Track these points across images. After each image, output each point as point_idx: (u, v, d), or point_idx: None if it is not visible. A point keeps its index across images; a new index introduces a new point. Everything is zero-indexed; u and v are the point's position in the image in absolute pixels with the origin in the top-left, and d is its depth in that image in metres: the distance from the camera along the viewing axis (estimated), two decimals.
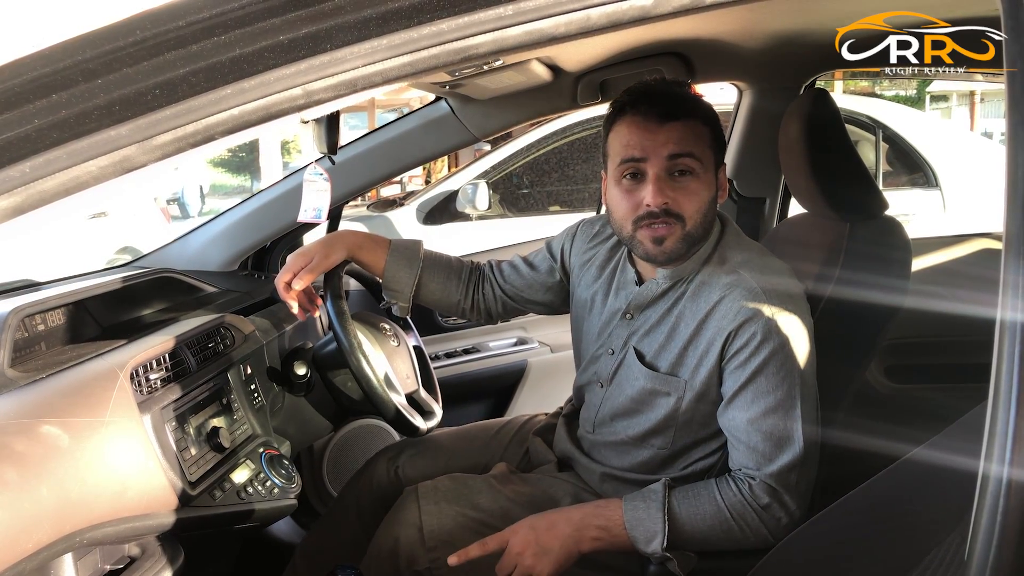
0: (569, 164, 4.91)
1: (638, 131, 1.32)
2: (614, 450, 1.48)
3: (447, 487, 1.49)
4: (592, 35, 0.76)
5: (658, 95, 1.33)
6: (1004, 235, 0.68)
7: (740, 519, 1.27)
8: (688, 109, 1.33)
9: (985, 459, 0.69)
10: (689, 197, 1.31)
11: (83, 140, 0.72)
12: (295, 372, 1.68)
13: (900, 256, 1.54)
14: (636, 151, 1.31)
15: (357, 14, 0.72)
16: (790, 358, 1.29)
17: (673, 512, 1.28)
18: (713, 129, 1.36)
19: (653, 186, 1.30)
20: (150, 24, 0.74)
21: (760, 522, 1.27)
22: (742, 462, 1.31)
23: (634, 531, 1.28)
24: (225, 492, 1.34)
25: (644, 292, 1.42)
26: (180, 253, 2.13)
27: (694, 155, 1.31)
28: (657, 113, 1.31)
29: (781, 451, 1.27)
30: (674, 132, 1.30)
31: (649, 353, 1.40)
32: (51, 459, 1.03)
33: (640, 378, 1.40)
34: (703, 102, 1.37)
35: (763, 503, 1.27)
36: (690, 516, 1.28)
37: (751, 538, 1.28)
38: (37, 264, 4.42)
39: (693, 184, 1.32)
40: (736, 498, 1.28)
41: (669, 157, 1.30)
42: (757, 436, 1.28)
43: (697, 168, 1.31)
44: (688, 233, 1.32)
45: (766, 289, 1.31)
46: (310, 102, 0.75)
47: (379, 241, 1.62)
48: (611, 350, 1.48)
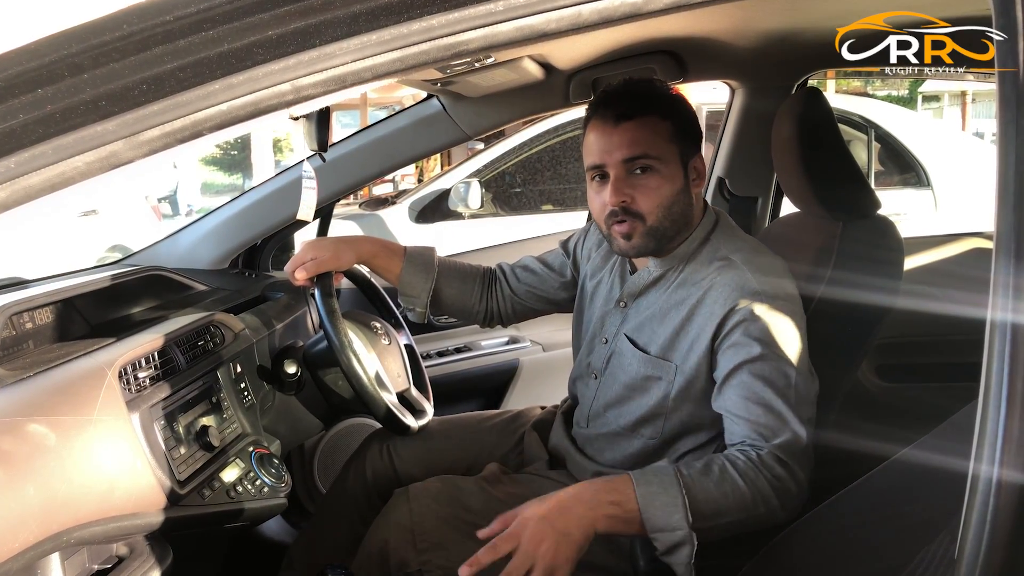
0: (562, 163, 4.91)
1: (598, 136, 1.38)
2: (606, 443, 1.49)
3: (437, 489, 1.48)
4: (583, 31, 0.75)
5: (615, 97, 1.38)
6: (995, 235, 0.68)
7: (753, 487, 1.20)
8: (643, 107, 1.36)
9: (975, 458, 0.69)
10: (648, 194, 1.36)
11: (69, 135, 0.71)
12: (285, 371, 1.67)
13: (892, 256, 1.54)
14: (596, 157, 1.38)
15: (346, 9, 0.72)
16: (783, 341, 1.30)
17: (687, 483, 1.19)
18: (676, 121, 1.38)
19: (611, 187, 1.36)
20: (137, 19, 0.73)
21: (772, 491, 1.21)
22: (745, 435, 1.28)
23: (648, 508, 1.17)
24: (214, 491, 1.33)
25: (636, 280, 1.48)
26: (170, 251, 2.12)
27: (649, 154, 1.35)
28: (613, 115, 1.36)
29: (783, 427, 1.26)
30: (627, 134, 1.35)
31: (641, 339, 1.44)
32: (38, 458, 1.02)
33: (633, 363, 1.43)
34: (664, 96, 1.40)
35: (775, 472, 1.22)
36: (704, 486, 1.19)
37: (762, 510, 1.21)
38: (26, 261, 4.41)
39: (653, 180, 1.36)
40: (748, 465, 1.22)
41: (624, 160, 1.35)
42: (758, 410, 1.27)
43: (655, 164, 1.36)
44: (651, 228, 1.37)
45: (757, 275, 1.34)
46: (299, 98, 0.75)
47: (394, 249, 1.67)
48: (605, 339, 1.52)
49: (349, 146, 2.11)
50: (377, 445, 1.74)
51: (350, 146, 2.11)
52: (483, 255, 2.79)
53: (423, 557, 1.38)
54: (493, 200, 4.91)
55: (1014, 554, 0.68)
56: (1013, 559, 0.68)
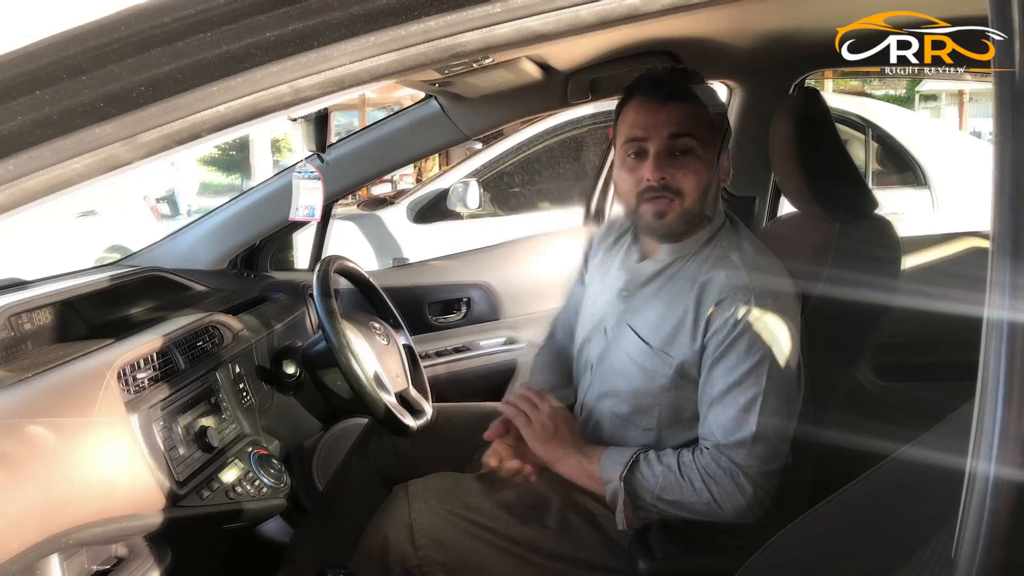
0: (560, 163, 4.91)
1: (642, 112, 1.38)
2: (602, 434, 1.49)
3: (438, 486, 1.48)
4: (582, 33, 0.75)
5: (665, 78, 1.40)
6: (991, 234, 0.68)
7: (687, 478, 1.31)
8: (692, 93, 1.38)
9: (972, 457, 0.69)
10: (688, 175, 1.36)
11: (68, 137, 0.71)
12: (284, 371, 1.67)
13: (890, 255, 1.54)
14: (639, 131, 1.37)
15: (345, 11, 0.72)
16: (762, 339, 1.31)
17: (638, 457, 1.34)
18: (716, 116, 1.41)
19: (652, 162, 1.36)
20: (136, 20, 0.73)
21: (704, 487, 1.30)
22: (702, 432, 1.35)
23: (604, 464, 1.36)
24: (214, 492, 1.33)
25: (643, 269, 1.47)
26: (169, 252, 2.12)
27: (694, 136, 1.36)
28: (661, 95, 1.37)
29: (735, 429, 1.30)
30: (675, 113, 1.36)
31: (643, 330, 1.43)
32: (38, 459, 1.02)
33: (631, 351, 1.43)
34: (710, 89, 1.43)
35: (711, 471, 1.30)
36: (649, 464, 1.34)
37: (695, 500, 1.31)
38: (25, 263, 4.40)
39: (693, 163, 1.37)
40: (688, 458, 1.33)
41: (669, 136, 1.35)
42: (717, 409, 1.32)
43: (697, 148, 1.37)
44: (687, 210, 1.38)
45: (752, 275, 1.35)
46: (297, 99, 0.75)
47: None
48: (604, 329, 1.51)
49: (348, 146, 2.11)
50: (377, 436, 1.75)
51: (349, 146, 2.11)
52: (482, 255, 2.79)
53: (422, 553, 1.38)
54: (492, 200, 4.91)
55: (1011, 552, 0.68)
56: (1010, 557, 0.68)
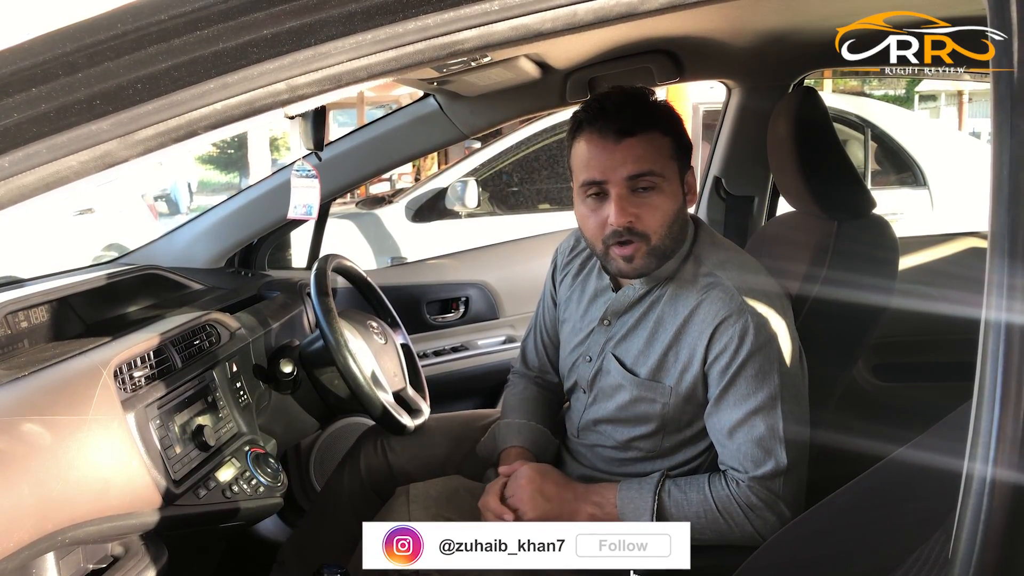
0: (559, 162, 4.90)
1: (596, 150, 1.30)
2: (603, 455, 1.47)
3: (438, 491, 1.48)
4: (579, 31, 0.75)
5: (614, 110, 1.30)
6: (989, 234, 0.68)
7: (726, 513, 1.28)
8: (645, 123, 1.30)
9: (969, 457, 0.69)
10: (653, 213, 1.29)
11: (63, 135, 0.71)
12: (281, 370, 1.67)
13: (888, 255, 1.54)
14: (596, 173, 1.29)
15: (341, 8, 0.72)
16: (770, 360, 1.28)
17: (662, 496, 1.30)
18: (675, 138, 1.33)
19: (616, 206, 1.28)
20: (132, 18, 0.73)
21: (747, 520, 1.27)
22: (729, 463, 1.31)
23: (624, 510, 1.31)
24: (210, 490, 1.33)
25: (621, 298, 1.41)
26: (166, 250, 2.12)
27: (654, 171, 1.28)
28: (614, 130, 1.28)
29: (767, 457, 1.27)
30: (632, 150, 1.27)
31: (629, 359, 1.40)
32: (33, 457, 1.02)
33: (624, 385, 1.39)
34: (663, 110, 1.34)
35: (751, 503, 1.27)
36: (678, 502, 1.30)
37: (737, 533, 1.28)
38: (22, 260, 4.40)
39: (656, 199, 1.29)
40: (724, 492, 1.28)
41: (629, 178, 1.28)
42: (741, 439, 1.28)
43: (660, 183, 1.29)
44: (654, 248, 1.31)
45: (743, 290, 1.31)
46: (294, 97, 0.75)
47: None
48: (588, 357, 1.47)
49: (345, 145, 2.11)
50: (372, 442, 1.73)
51: (346, 145, 2.11)
52: (480, 254, 2.79)
53: None
54: (490, 199, 4.91)
55: (1008, 553, 0.68)
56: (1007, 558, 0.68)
